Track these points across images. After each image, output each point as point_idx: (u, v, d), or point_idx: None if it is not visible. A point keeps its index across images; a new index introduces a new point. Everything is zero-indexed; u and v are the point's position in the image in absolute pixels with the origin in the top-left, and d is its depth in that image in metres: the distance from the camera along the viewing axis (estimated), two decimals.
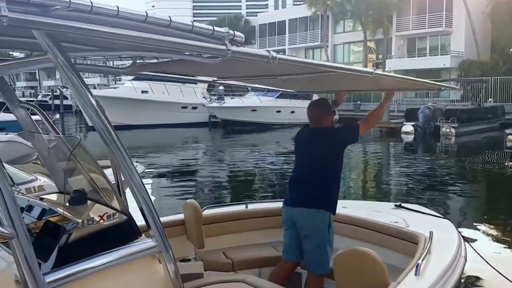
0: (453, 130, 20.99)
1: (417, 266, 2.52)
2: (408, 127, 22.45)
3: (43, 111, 2.16)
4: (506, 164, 14.83)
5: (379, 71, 2.56)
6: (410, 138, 21.59)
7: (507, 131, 18.98)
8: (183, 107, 29.12)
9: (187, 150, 18.85)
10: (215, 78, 3.27)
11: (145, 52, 1.87)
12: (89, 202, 2.05)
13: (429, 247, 2.81)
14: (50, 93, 47.81)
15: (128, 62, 2.53)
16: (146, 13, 1.44)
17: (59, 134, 2.30)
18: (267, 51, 1.88)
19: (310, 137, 3.25)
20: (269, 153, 17.42)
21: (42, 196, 2.31)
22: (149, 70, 2.77)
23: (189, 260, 3.44)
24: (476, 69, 31.79)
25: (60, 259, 1.65)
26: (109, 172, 2.05)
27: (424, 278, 2.50)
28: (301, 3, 44.07)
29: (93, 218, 1.88)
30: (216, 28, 1.65)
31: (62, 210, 1.87)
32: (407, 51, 37.67)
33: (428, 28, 35.54)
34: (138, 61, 2.50)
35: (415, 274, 2.48)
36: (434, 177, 12.29)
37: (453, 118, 21.38)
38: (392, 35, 37.74)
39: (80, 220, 1.82)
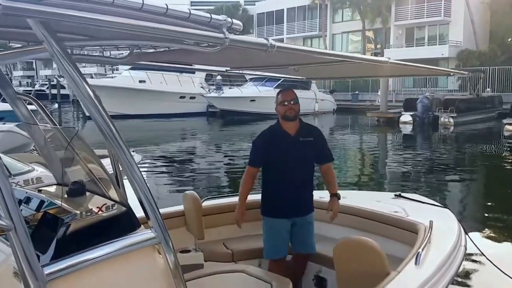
0: (451, 120, 21.00)
1: (417, 255, 2.52)
2: (406, 117, 22.47)
3: (39, 102, 2.14)
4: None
5: (393, 61, 2.55)
6: (409, 127, 21.60)
7: (505, 121, 19.04)
8: (181, 97, 28.97)
9: (186, 140, 18.82)
10: (228, 68, 3.24)
11: (141, 41, 1.84)
12: (87, 193, 2.03)
13: (429, 236, 2.81)
14: (47, 83, 47.55)
15: (125, 52, 2.50)
16: (142, 1, 1.41)
17: (56, 125, 2.27)
18: (266, 39, 1.85)
19: None
20: None
21: (41, 188, 2.29)
22: (146, 59, 2.74)
23: (189, 251, 3.44)
24: (475, 59, 31.67)
25: (58, 251, 1.64)
26: (106, 162, 2.03)
27: (424, 267, 2.49)
28: None
29: (91, 209, 1.87)
30: (213, 16, 1.62)
31: (60, 202, 1.85)
32: (406, 40, 37.52)
33: (426, 17, 35.30)
34: (135, 51, 2.47)
35: (415, 263, 2.48)
36: (434, 166, 12.31)
37: (451, 108, 21.37)
38: (391, 25, 37.53)
39: (78, 212, 1.80)
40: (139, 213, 1.83)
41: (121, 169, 1.90)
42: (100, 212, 1.82)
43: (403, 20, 36.83)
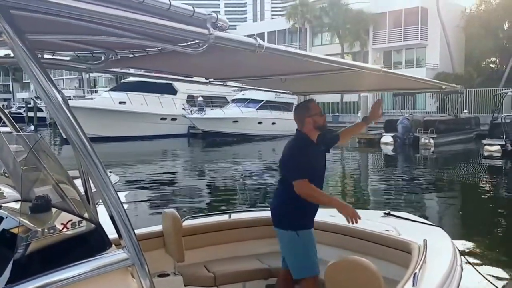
0: (432, 141, 21.28)
1: (414, 276, 2.36)
2: (387, 138, 22.70)
3: None
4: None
5: (386, 69, 2.45)
6: (390, 148, 21.81)
7: (484, 141, 19.35)
8: (162, 118, 28.71)
9: (167, 162, 18.48)
10: (212, 79, 3.08)
11: (116, 37, 1.65)
12: (53, 209, 1.81)
13: (425, 256, 2.65)
14: (24, 105, 46.72)
15: (101, 57, 2.32)
16: None
17: (19, 131, 2.05)
18: (254, 38, 1.71)
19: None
20: (251, 165, 17.20)
21: (1, 204, 2.05)
22: (123, 66, 2.56)
23: (168, 275, 3.23)
24: (451, 82, 32.08)
25: (15, 274, 1.42)
26: (78, 183, 1.82)
27: None
28: (279, 16, 44.45)
29: (54, 226, 1.64)
30: (196, 10, 1.47)
31: (19, 218, 1.63)
32: (384, 63, 38.21)
33: (404, 41, 36.26)
34: (111, 56, 2.29)
35: (413, 285, 2.31)
36: (417, 187, 12.33)
37: (431, 129, 21.67)
38: (369, 48, 38.36)
39: (39, 229, 1.58)
40: (111, 234, 1.62)
41: (92, 185, 1.70)
42: (64, 230, 1.59)
43: (381, 43, 37.72)
